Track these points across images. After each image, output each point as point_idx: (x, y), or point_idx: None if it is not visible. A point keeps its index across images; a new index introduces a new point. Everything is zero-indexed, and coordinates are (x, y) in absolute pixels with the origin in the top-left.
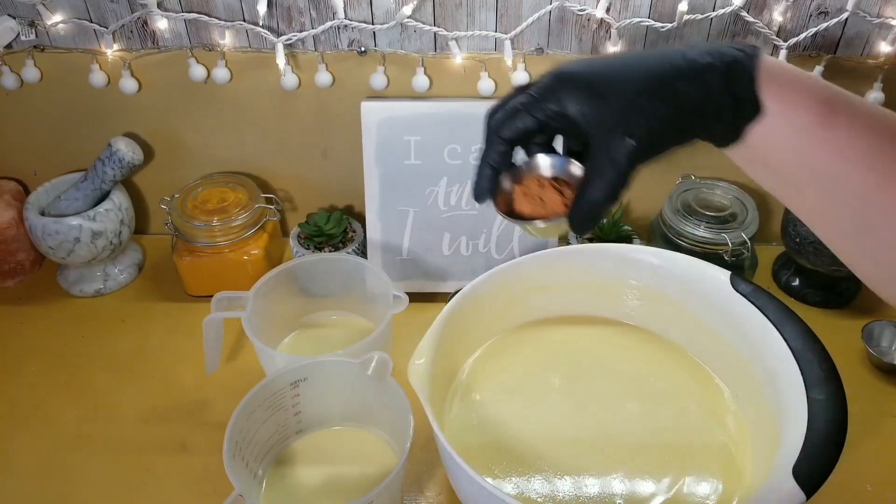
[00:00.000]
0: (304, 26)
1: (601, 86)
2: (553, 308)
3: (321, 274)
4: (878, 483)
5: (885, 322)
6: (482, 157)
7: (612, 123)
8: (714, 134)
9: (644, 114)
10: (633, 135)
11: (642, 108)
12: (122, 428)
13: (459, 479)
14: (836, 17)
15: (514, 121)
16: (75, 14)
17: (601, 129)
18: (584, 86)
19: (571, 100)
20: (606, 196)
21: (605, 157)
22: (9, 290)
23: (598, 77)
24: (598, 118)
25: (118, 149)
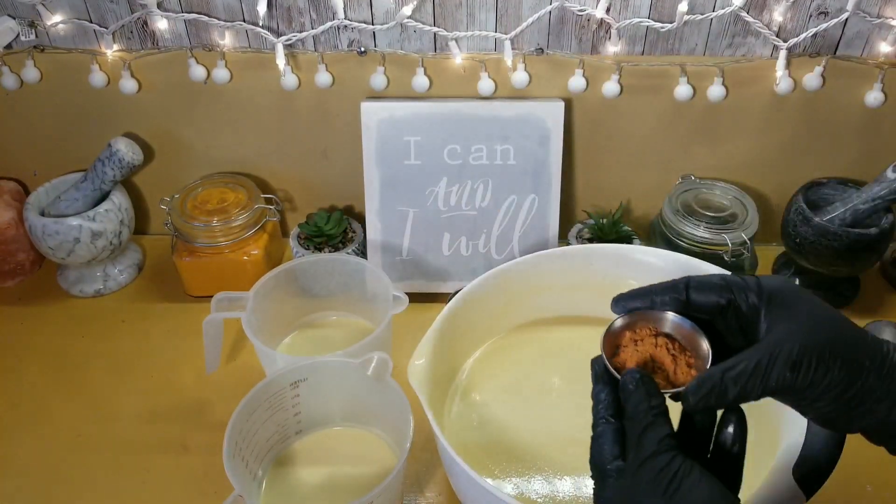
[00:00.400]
0: (303, 26)
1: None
2: (553, 308)
3: (321, 274)
4: (878, 483)
5: (885, 322)
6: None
7: (791, 346)
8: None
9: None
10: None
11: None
12: (122, 428)
13: (459, 479)
14: (836, 17)
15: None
16: (75, 14)
17: (777, 343)
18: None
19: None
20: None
21: (766, 362)
22: (9, 290)
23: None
24: (783, 334)
25: (118, 149)
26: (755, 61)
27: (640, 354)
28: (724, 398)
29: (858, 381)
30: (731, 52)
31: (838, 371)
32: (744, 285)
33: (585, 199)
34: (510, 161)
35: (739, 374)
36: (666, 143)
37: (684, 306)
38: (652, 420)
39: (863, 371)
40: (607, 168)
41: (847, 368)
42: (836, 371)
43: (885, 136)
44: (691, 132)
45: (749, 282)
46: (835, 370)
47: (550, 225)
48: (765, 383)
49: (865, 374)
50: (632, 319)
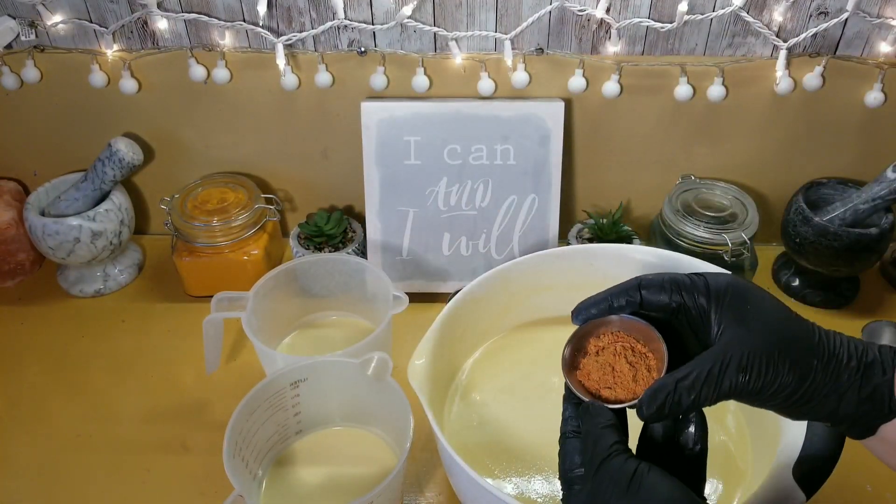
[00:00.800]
0: (303, 26)
1: (753, 318)
2: (553, 308)
3: (321, 274)
4: (878, 483)
5: (885, 322)
6: (611, 291)
7: (741, 352)
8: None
9: (771, 366)
10: (748, 374)
11: (772, 362)
12: (122, 428)
13: (459, 479)
14: (837, 17)
15: (661, 290)
16: (75, 14)
17: (727, 349)
18: (740, 307)
19: (723, 308)
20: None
21: (717, 369)
22: (9, 290)
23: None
24: (733, 339)
25: (118, 149)
26: (755, 61)
27: (601, 366)
28: (678, 407)
29: (808, 380)
30: (731, 52)
31: (788, 373)
32: (691, 286)
33: (585, 199)
34: (510, 161)
35: (693, 383)
36: (666, 143)
37: (640, 307)
38: (601, 432)
39: (811, 370)
40: (607, 168)
41: (796, 369)
42: (786, 373)
43: (885, 136)
44: (691, 132)
45: (697, 282)
46: (784, 372)
47: (550, 225)
48: (718, 390)
49: (814, 373)
50: (593, 326)
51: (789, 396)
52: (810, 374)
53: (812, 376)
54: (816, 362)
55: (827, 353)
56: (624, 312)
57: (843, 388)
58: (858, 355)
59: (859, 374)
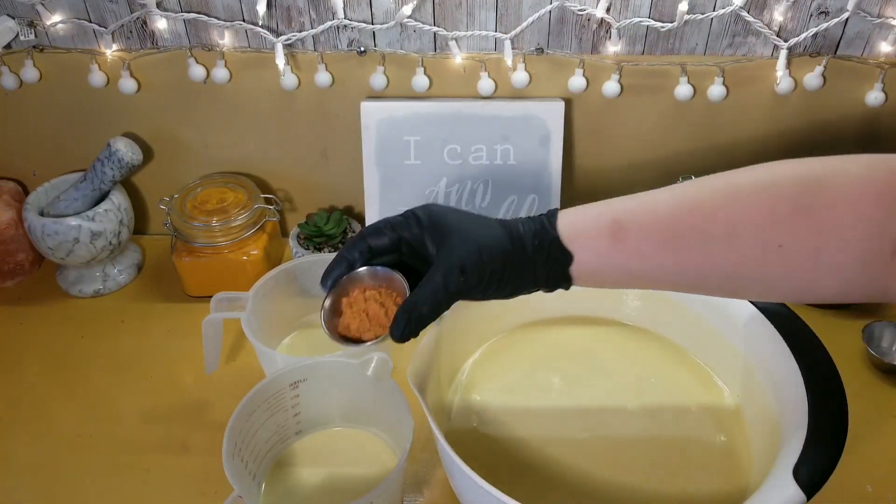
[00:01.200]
0: (303, 26)
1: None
2: (553, 308)
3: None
4: (879, 483)
5: (885, 322)
6: (343, 249)
7: (455, 259)
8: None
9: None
10: (466, 273)
11: (480, 258)
12: (122, 428)
13: (459, 479)
14: (837, 17)
15: (380, 233)
16: (74, 14)
17: (444, 260)
18: (444, 225)
19: (432, 231)
20: (430, 305)
21: (441, 278)
22: (8, 290)
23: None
24: (447, 252)
25: (117, 149)
26: (755, 61)
27: (355, 315)
28: (421, 319)
29: (509, 264)
30: (731, 52)
31: (493, 263)
32: (404, 222)
33: (585, 199)
34: (510, 161)
35: (426, 297)
36: (666, 143)
37: (372, 254)
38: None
39: (508, 255)
40: (607, 168)
41: (498, 259)
42: (492, 264)
43: (886, 135)
44: (691, 132)
45: (408, 217)
46: (491, 263)
47: None
48: (447, 295)
49: (511, 256)
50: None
51: (500, 281)
52: (509, 258)
53: (511, 259)
54: (510, 246)
55: (516, 235)
56: (362, 263)
57: (534, 260)
58: (535, 230)
59: (538, 244)
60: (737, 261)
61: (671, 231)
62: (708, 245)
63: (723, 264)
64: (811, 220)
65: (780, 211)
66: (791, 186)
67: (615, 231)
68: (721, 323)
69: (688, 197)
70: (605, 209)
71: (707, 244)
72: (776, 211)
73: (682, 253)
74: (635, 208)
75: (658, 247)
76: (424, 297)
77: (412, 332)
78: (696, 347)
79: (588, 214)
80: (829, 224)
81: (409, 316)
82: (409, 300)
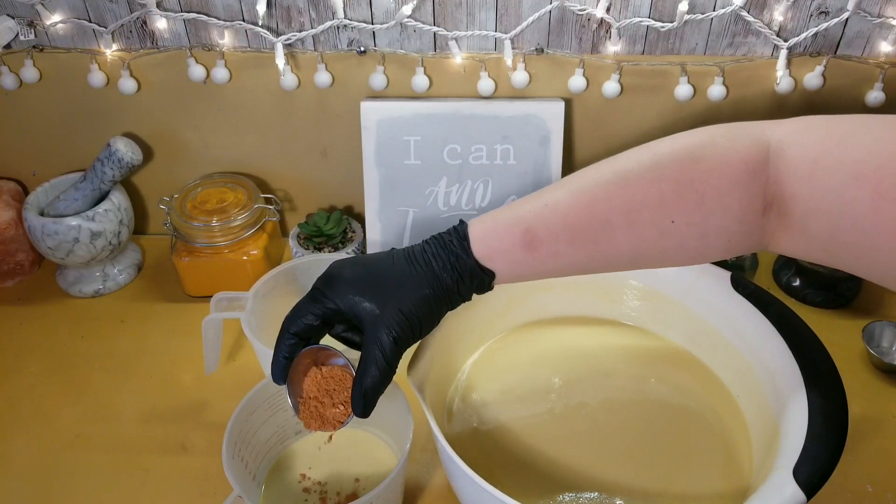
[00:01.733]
0: (303, 26)
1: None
2: (553, 308)
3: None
4: (879, 483)
5: (885, 322)
6: (275, 348)
7: (383, 332)
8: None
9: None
10: (398, 340)
11: (406, 320)
12: (122, 428)
13: (459, 479)
14: (837, 16)
15: (299, 318)
16: (74, 14)
17: (373, 336)
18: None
19: (342, 299)
20: (378, 379)
21: (378, 352)
22: (8, 290)
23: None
24: (372, 327)
25: (117, 149)
26: (756, 61)
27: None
28: (377, 392)
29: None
30: (731, 52)
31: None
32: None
33: None
34: (510, 161)
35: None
36: None
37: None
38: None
39: (429, 300)
40: None
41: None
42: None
43: None
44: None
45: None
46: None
47: None
48: (389, 364)
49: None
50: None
51: (432, 321)
52: (433, 302)
53: (436, 300)
54: (430, 293)
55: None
56: (296, 354)
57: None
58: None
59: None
60: (637, 242)
61: (578, 228)
62: (611, 233)
63: (625, 248)
64: (694, 192)
65: (666, 189)
66: (671, 164)
67: (529, 241)
68: (721, 323)
69: (584, 191)
70: (514, 218)
71: (610, 233)
72: (663, 190)
73: (590, 245)
74: (541, 211)
75: (568, 245)
76: (370, 375)
77: (372, 404)
78: (695, 347)
79: (498, 228)
80: (709, 193)
81: (364, 397)
82: (357, 383)
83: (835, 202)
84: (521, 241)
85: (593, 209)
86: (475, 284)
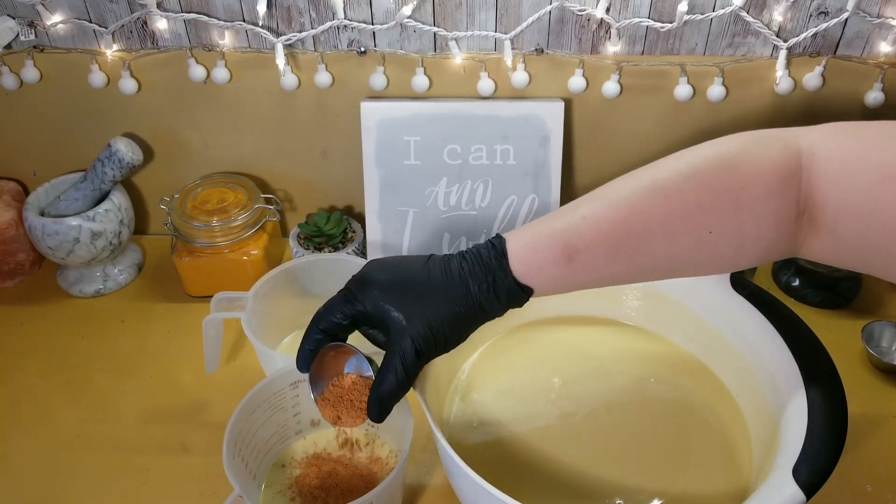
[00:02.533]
0: (303, 26)
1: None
2: (553, 308)
3: (321, 274)
4: (878, 483)
5: (885, 322)
6: (303, 338)
7: (407, 342)
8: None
9: (432, 336)
10: (421, 353)
11: (431, 333)
12: (122, 428)
13: (459, 479)
14: (837, 17)
15: (329, 315)
16: (75, 14)
17: (397, 344)
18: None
19: (374, 301)
20: (395, 388)
21: (398, 362)
22: (8, 290)
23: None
24: (397, 334)
25: (118, 149)
26: (755, 61)
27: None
28: (393, 400)
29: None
30: (731, 52)
31: (445, 330)
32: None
33: None
34: (510, 161)
35: (390, 382)
36: (666, 143)
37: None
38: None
39: (459, 316)
40: (607, 168)
41: (451, 324)
42: (444, 331)
43: None
44: (691, 132)
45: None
46: (442, 331)
47: None
48: (408, 375)
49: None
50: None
51: (458, 337)
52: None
53: (465, 317)
54: (460, 310)
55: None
56: (321, 347)
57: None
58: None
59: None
60: (675, 252)
61: (616, 240)
62: (649, 245)
63: (662, 258)
64: (731, 201)
65: (704, 199)
66: (708, 173)
67: (568, 256)
68: (721, 323)
69: (622, 203)
70: (552, 232)
71: (648, 244)
72: (700, 200)
73: (629, 257)
74: (579, 225)
75: (607, 258)
76: (388, 382)
77: (387, 411)
78: (695, 347)
79: (538, 244)
80: (746, 201)
81: (380, 403)
82: (375, 388)
83: (864, 204)
84: (561, 255)
85: (632, 221)
86: (511, 302)
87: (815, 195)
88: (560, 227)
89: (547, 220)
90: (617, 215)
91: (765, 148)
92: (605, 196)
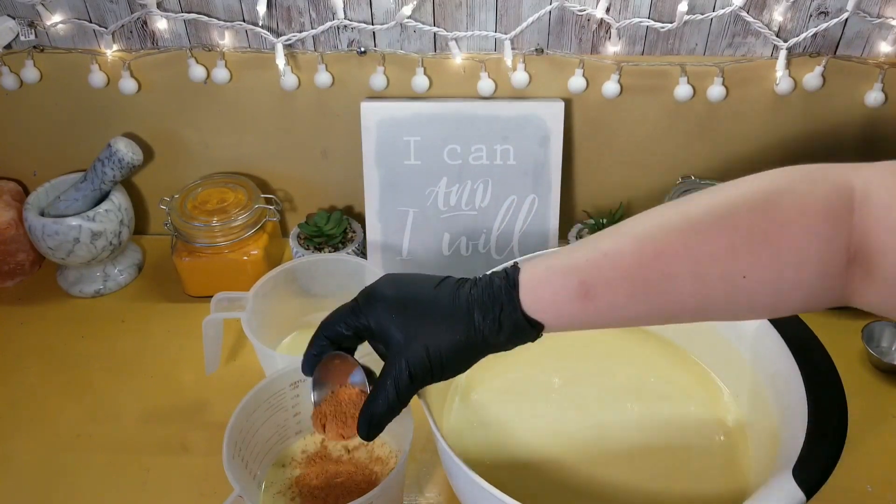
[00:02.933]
0: (303, 26)
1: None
2: None
3: (321, 274)
4: (878, 483)
5: (885, 322)
6: (309, 343)
7: (403, 364)
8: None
9: (428, 364)
10: (415, 379)
11: (428, 361)
12: (122, 428)
13: (459, 479)
14: (837, 17)
15: (335, 325)
16: (75, 14)
17: (392, 365)
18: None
19: (379, 316)
20: (385, 410)
21: (391, 384)
22: (8, 290)
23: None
24: (394, 355)
25: (118, 149)
26: (755, 61)
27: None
28: (383, 421)
29: (463, 352)
30: (731, 52)
31: (442, 358)
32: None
33: (585, 199)
34: (510, 161)
35: (381, 404)
36: (666, 143)
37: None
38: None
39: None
40: (607, 168)
41: (450, 353)
42: (442, 359)
43: (886, 135)
44: (691, 132)
45: (354, 307)
46: (439, 359)
47: (550, 225)
48: (399, 399)
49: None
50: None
51: (456, 368)
52: (463, 349)
53: (467, 348)
54: (462, 339)
55: (468, 327)
56: (324, 356)
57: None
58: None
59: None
60: (704, 296)
61: (639, 280)
62: (676, 287)
63: (690, 302)
64: (769, 245)
65: (738, 241)
66: (745, 213)
67: (584, 293)
68: (720, 323)
69: (648, 239)
70: (569, 267)
71: (674, 286)
72: (734, 242)
73: (652, 298)
74: (599, 261)
75: (628, 298)
76: (378, 403)
77: (377, 430)
78: (695, 347)
79: (552, 277)
80: (786, 245)
81: (369, 422)
82: (365, 406)
83: None
84: (576, 292)
85: (657, 261)
86: (518, 336)
87: (870, 241)
88: (578, 262)
89: (566, 252)
90: (641, 253)
91: (811, 185)
92: (629, 231)
